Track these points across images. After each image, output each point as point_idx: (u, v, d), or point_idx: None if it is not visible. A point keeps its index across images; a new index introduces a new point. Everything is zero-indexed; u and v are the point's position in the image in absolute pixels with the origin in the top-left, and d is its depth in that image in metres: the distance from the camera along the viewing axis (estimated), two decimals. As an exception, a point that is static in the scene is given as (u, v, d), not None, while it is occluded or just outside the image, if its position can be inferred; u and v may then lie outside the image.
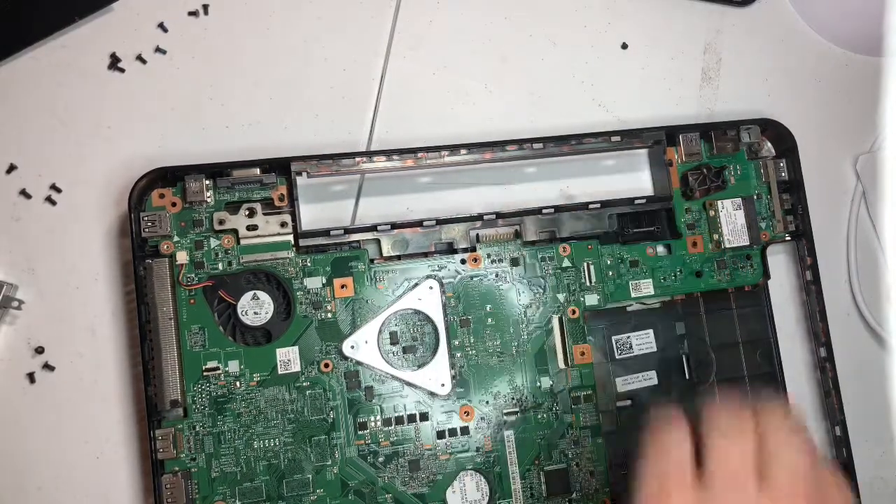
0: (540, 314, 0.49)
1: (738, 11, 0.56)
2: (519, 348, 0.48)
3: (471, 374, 0.48)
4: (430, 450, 0.47)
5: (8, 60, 0.49)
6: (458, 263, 0.48)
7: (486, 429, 0.47)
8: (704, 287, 0.51)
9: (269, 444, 0.45)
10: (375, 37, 0.53)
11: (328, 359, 0.46)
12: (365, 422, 0.46)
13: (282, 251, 0.47)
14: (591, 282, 0.49)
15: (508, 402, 0.48)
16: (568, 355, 0.48)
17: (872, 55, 0.57)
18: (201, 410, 0.45)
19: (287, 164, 0.47)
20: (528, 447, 0.48)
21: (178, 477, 0.44)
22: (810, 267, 0.51)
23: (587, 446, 0.48)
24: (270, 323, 0.46)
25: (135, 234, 0.45)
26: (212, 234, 0.46)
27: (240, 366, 0.46)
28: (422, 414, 0.47)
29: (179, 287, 0.46)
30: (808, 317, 0.52)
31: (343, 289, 0.47)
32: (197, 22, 0.51)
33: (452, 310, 0.48)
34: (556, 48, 0.54)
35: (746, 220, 0.51)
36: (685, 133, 0.51)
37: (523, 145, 0.49)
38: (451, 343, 0.48)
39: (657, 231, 0.51)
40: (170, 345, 0.45)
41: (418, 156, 0.48)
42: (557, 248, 0.49)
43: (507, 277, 0.49)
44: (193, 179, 0.46)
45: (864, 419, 0.51)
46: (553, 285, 0.49)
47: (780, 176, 0.52)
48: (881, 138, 0.55)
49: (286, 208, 0.47)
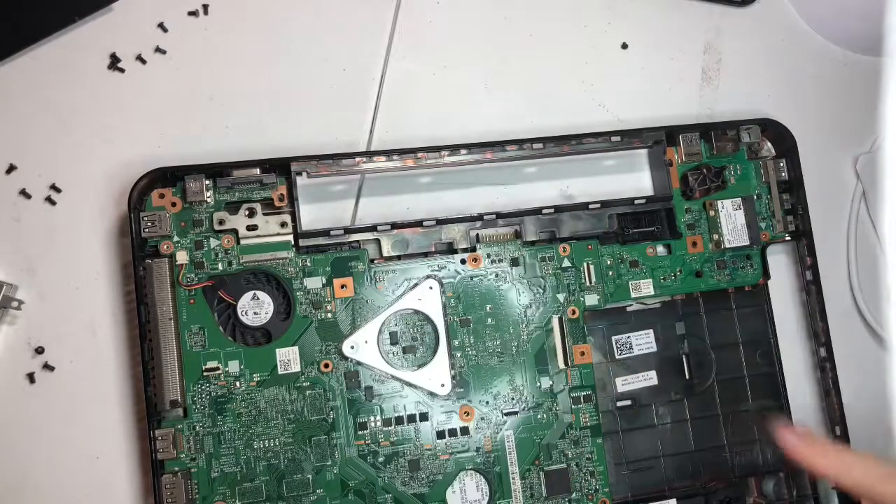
0: (540, 314, 0.49)
1: (738, 11, 0.56)
2: (519, 348, 0.48)
3: (471, 375, 0.48)
4: (430, 450, 0.47)
5: (8, 60, 0.49)
6: (458, 263, 0.48)
7: (486, 429, 0.47)
8: (704, 287, 0.51)
9: (269, 444, 0.45)
10: (375, 37, 0.53)
11: (328, 359, 0.46)
12: (365, 422, 0.46)
13: (282, 251, 0.47)
14: (591, 282, 0.49)
15: (508, 402, 0.48)
16: (568, 355, 0.48)
17: (872, 55, 0.57)
18: (201, 410, 0.45)
19: (287, 165, 0.47)
20: (527, 447, 0.48)
21: (178, 477, 0.44)
22: (810, 267, 0.51)
23: (587, 446, 0.48)
24: (270, 323, 0.46)
25: (135, 234, 0.45)
26: (212, 234, 0.46)
27: (240, 366, 0.46)
28: (422, 414, 0.47)
29: (179, 287, 0.46)
30: (808, 317, 0.52)
31: (343, 289, 0.47)
32: (197, 22, 0.51)
33: (452, 310, 0.48)
34: (556, 48, 0.54)
35: (746, 220, 0.51)
36: (685, 133, 0.51)
37: (523, 145, 0.49)
38: (451, 343, 0.48)
39: (657, 231, 0.51)
40: (170, 345, 0.45)
41: (418, 156, 0.48)
42: (557, 248, 0.49)
43: (507, 277, 0.49)
44: (193, 179, 0.46)
45: (864, 419, 0.51)
46: (553, 285, 0.49)
47: (780, 176, 0.52)
48: (881, 138, 0.55)
49: (286, 208, 0.47)
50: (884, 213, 0.54)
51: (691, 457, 0.50)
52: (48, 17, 0.49)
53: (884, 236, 0.54)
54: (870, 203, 0.55)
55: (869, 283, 0.54)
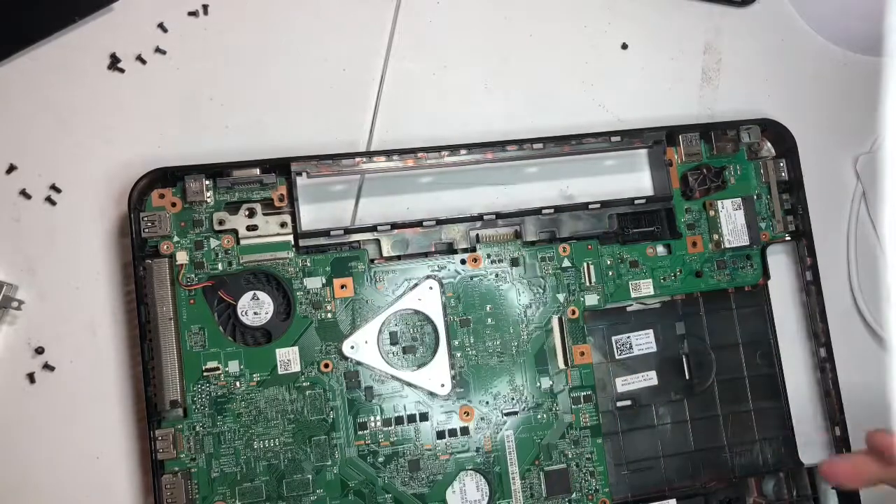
0: (540, 314, 0.49)
1: (738, 11, 0.56)
2: (519, 348, 0.48)
3: (471, 375, 0.48)
4: (429, 450, 0.47)
5: (8, 60, 0.49)
6: (458, 263, 0.48)
7: (485, 429, 0.47)
8: (704, 287, 0.51)
9: (269, 444, 0.45)
10: (375, 37, 0.53)
11: (328, 359, 0.46)
12: (365, 422, 0.46)
13: (282, 251, 0.47)
14: (590, 282, 0.49)
15: (508, 402, 0.48)
16: (568, 355, 0.48)
17: (872, 55, 0.57)
18: (201, 410, 0.45)
19: (287, 165, 0.47)
20: (527, 447, 0.48)
21: (179, 477, 0.44)
22: (810, 267, 0.51)
23: (587, 446, 0.48)
24: (270, 323, 0.46)
25: (134, 234, 0.45)
26: (212, 235, 0.46)
27: (240, 366, 0.46)
28: (422, 414, 0.47)
29: (179, 287, 0.46)
30: (808, 317, 0.52)
31: (343, 289, 0.47)
32: (197, 22, 0.51)
33: (452, 310, 0.48)
34: (556, 48, 0.54)
35: (746, 220, 0.51)
36: (685, 133, 0.51)
37: (523, 145, 0.49)
38: (450, 343, 0.48)
39: (657, 231, 0.51)
40: (170, 345, 0.45)
41: (418, 156, 0.48)
42: (557, 248, 0.49)
43: (507, 277, 0.49)
44: (193, 179, 0.46)
45: (863, 419, 0.51)
46: (553, 285, 0.49)
47: (780, 176, 0.52)
48: (881, 138, 0.55)
49: (286, 208, 0.47)
50: (884, 213, 0.54)
51: (691, 457, 0.50)
52: (48, 17, 0.49)
53: (884, 236, 0.54)
54: (870, 203, 0.55)
55: (869, 283, 0.54)
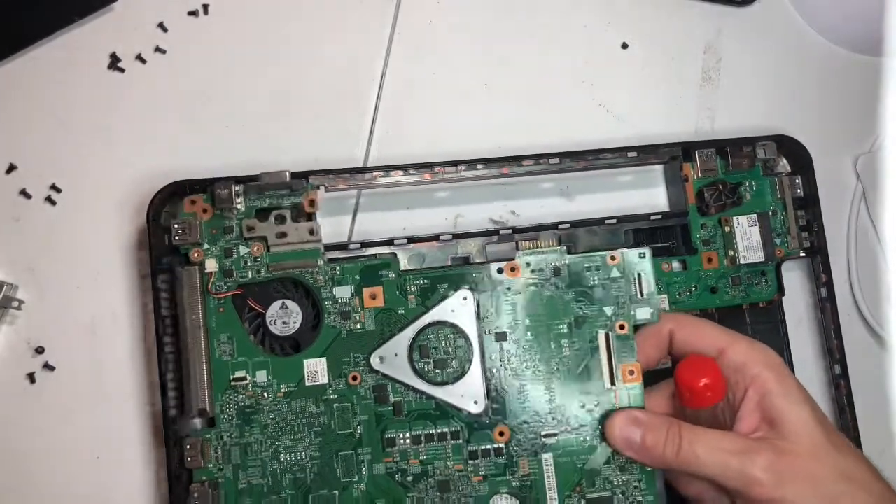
0: (584, 328, 0.46)
1: (738, 11, 0.56)
2: (560, 365, 0.45)
3: (507, 392, 0.45)
4: (461, 471, 0.44)
5: (8, 60, 0.49)
6: (495, 273, 0.45)
7: (522, 451, 0.45)
8: (719, 303, 0.50)
9: (296, 457, 0.44)
10: (375, 38, 0.53)
11: (356, 371, 0.44)
12: (393, 438, 0.44)
13: (311, 259, 0.46)
14: (642, 294, 0.45)
15: (548, 422, 0.45)
16: (614, 373, 0.45)
17: (873, 55, 0.57)
18: (229, 420, 0.44)
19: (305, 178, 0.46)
20: (568, 472, 0.44)
21: (206, 487, 0.43)
22: (825, 284, 0.51)
23: (634, 473, 0.44)
24: (299, 333, 0.45)
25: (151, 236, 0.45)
26: (241, 242, 0.45)
27: (267, 376, 0.44)
28: (453, 432, 0.44)
29: (209, 295, 0.45)
30: (823, 334, 0.52)
31: (373, 298, 0.45)
32: (197, 22, 0.51)
33: (488, 322, 0.45)
34: (555, 48, 0.54)
35: (761, 237, 0.50)
36: (701, 149, 0.50)
37: (539, 160, 0.48)
38: (485, 358, 0.45)
39: (672, 247, 0.51)
40: (198, 353, 0.44)
41: (435, 170, 0.48)
42: (605, 257, 0.46)
43: (549, 289, 0.46)
44: (223, 186, 0.45)
45: (863, 419, 0.51)
46: (600, 297, 0.46)
47: (796, 192, 0.51)
48: (881, 138, 0.55)
49: (316, 215, 0.46)
50: (884, 213, 0.54)
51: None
52: (48, 17, 0.49)
53: (884, 236, 0.54)
54: (870, 203, 0.55)
55: (869, 283, 0.54)
